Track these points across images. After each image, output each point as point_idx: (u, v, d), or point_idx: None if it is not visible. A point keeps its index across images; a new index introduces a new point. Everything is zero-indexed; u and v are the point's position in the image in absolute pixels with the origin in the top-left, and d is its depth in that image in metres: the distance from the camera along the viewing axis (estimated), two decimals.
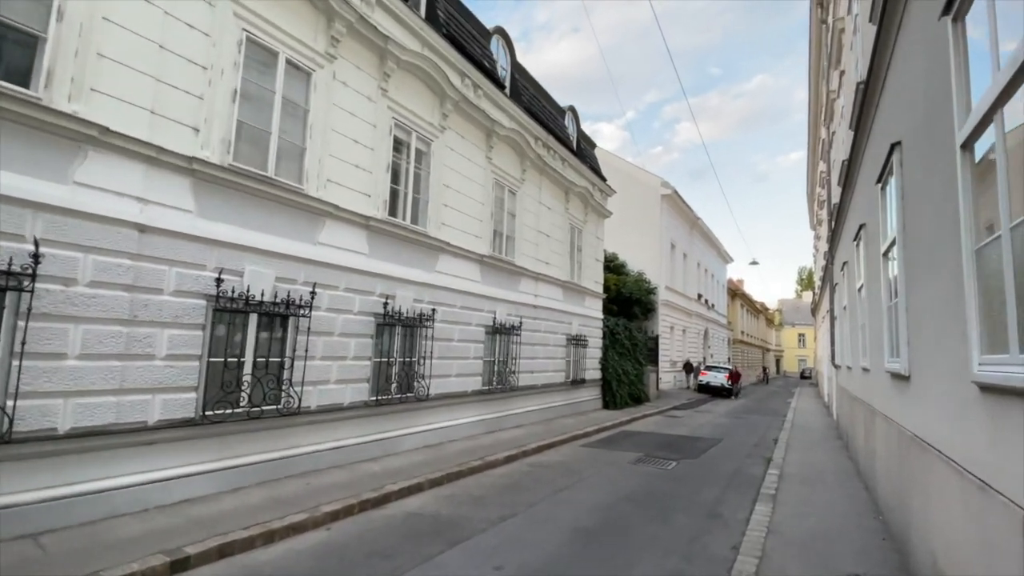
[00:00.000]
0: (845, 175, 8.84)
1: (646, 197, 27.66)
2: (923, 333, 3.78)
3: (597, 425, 12.80)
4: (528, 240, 12.41)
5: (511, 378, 11.41)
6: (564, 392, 14.02)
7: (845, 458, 9.57)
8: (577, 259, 15.22)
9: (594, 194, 15.89)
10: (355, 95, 7.93)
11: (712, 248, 40.43)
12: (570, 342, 14.43)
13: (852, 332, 9.24)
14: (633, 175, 28.37)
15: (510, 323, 11.37)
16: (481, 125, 10.60)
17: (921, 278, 3.77)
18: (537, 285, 12.76)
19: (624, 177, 28.08)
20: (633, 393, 17.94)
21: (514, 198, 11.89)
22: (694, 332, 32.99)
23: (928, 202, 3.49)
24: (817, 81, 17.76)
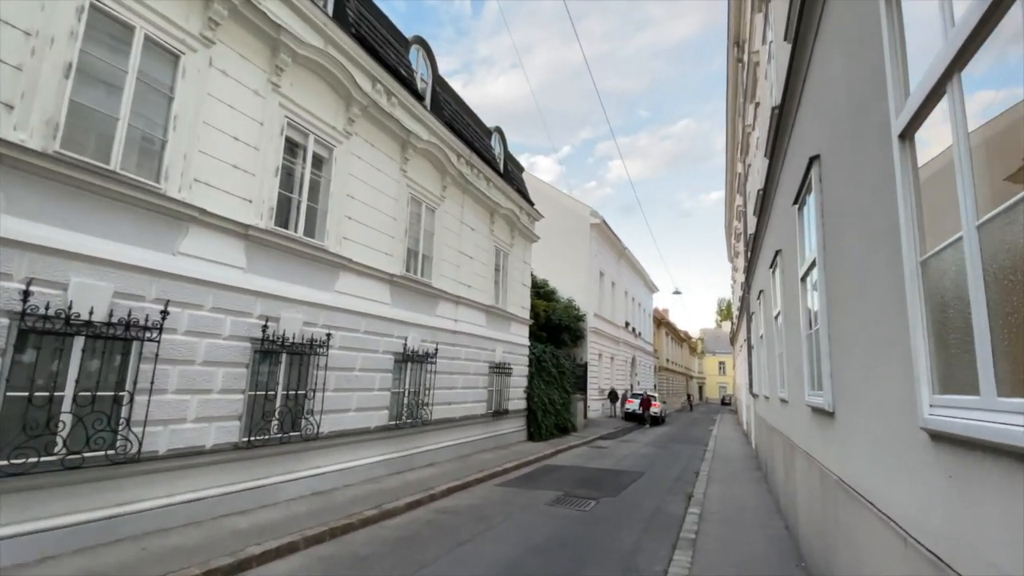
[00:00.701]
0: (760, 203, 8.77)
1: (576, 225, 27.80)
2: (851, 364, 3.27)
3: (518, 460, 11.93)
4: (448, 261, 11.58)
5: (423, 411, 10.36)
6: (485, 424, 13.08)
7: (765, 491, 9.25)
8: (502, 283, 14.55)
9: (521, 217, 15.39)
10: (237, 87, 6.89)
11: (639, 278, 41.36)
12: (493, 370, 13.59)
13: (770, 361, 9.04)
14: (563, 203, 28.48)
15: (424, 350, 10.39)
16: (395, 135, 9.78)
17: (847, 301, 3.27)
18: (457, 309, 11.89)
19: (554, 205, 28.14)
20: (560, 423, 17.30)
21: (433, 216, 11.07)
22: (622, 360, 33.20)
23: (854, 214, 3.02)
24: (734, 119, 18.30)
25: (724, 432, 22.60)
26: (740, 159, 16.50)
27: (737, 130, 17.59)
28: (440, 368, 11.01)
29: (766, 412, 10.37)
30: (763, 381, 10.49)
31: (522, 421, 15.49)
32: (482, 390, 12.95)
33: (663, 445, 17.55)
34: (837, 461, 3.72)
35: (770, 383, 9.06)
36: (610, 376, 30.49)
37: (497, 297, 14.15)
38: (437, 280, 11.06)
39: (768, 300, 8.61)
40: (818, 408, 4.22)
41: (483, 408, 12.96)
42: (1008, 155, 1.47)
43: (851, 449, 3.31)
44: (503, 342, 14.20)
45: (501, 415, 13.82)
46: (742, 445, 17.50)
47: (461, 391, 11.90)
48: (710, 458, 13.80)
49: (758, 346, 11.47)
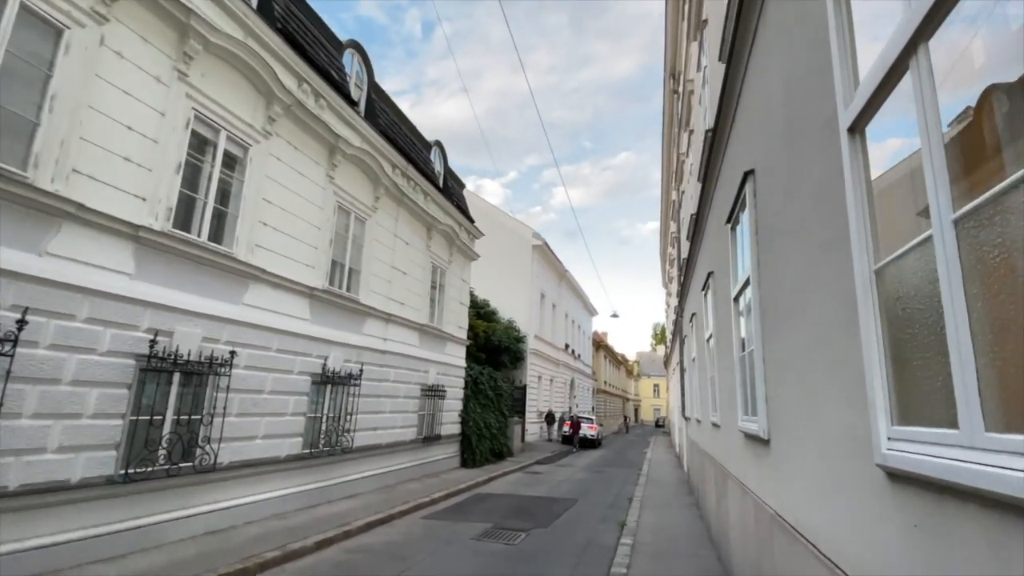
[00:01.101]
0: (694, 227, 8.86)
1: (518, 246, 27.73)
2: (788, 389, 3.03)
3: (448, 489, 11.25)
4: (379, 276, 10.92)
5: (344, 438, 9.54)
6: (414, 451, 12.32)
7: (697, 518, 9.10)
8: (439, 301, 13.97)
9: (460, 234, 14.96)
10: (135, 71, 6.12)
11: (579, 300, 41.82)
12: (426, 393, 12.90)
13: (702, 385, 9.00)
14: (506, 224, 28.38)
15: (347, 371, 9.63)
16: (323, 139, 9.15)
17: (784, 321, 3.05)
18: (387, 327, 11.21)
19: (497, 225, 27.99)
20: (495, 448, 16.71)
21: (363, 227, 10.43)
22: (561, 382, 33.11)
23: (793, 226, 2.83)
24: (669, 150, 18.91)
25: (657, 455, 22.77)
26: (675, 187, 16.95)
27: (672, 160, 18.10)
28: (365, 391, 10.25)
29: (698, 436, 10.33)
30: (695, 405, 10.47)
31: (455, 447, 14.79)
32: (412, 414, 12.22)
33: (599, 469, 17.33)
34: (774, 493, 3.47)
35: (702, 407, 9.00)
36: (549, 398, 30.26)
37: (432, 316, 13.56)
38: (365, 296, 10.37)
39: (700, 323, 8.60)
40: (752, 435, 4.00)
41: (413, 434, 12.21)
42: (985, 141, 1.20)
43: (789, 481, 3.05)
44: (438, 363, 13.56)
45: (432, 441, 13.10)
46: (675, 468, 17.58)
47: (389, 415, 11.15)
48: (644, 483, 13.66)
49: (690, 369, 11.51)
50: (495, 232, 27.71)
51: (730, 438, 5.48)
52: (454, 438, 14.61)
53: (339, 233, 9.72)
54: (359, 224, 10.35)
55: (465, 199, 16.67)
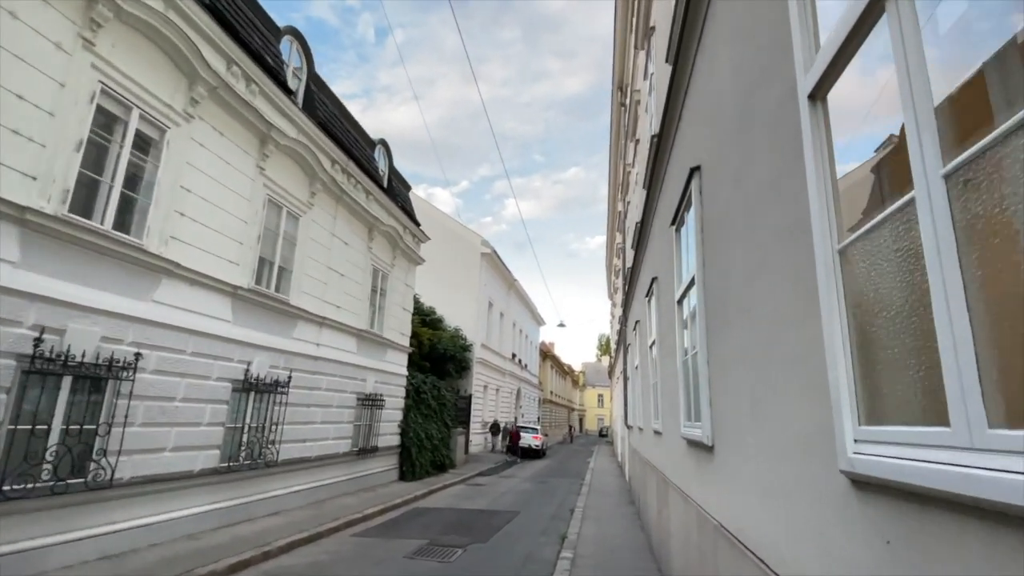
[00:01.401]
0: (638, 234, 8.89)
1: (466, 254, 27.39)
2: (735, 390, 2.86)
3: (384, 504, 10.65)
4: (313, 277, 10.27)
5: (269, 450, 8.81)
6: (349, 464, 11.63)
7: (638, 528, 9.00)
8: (380, 306, 13.38)
9: (405, 237, 14.45)
10: (30, 34, 5.39)
11: (527, 310, 41.83)
12: (363, 403, 12.24)
13: (644, 392, 8.95)
14: (454, 231, 27.99)
15: (274, 377, 8.92)
16: (253, 127, 8.51)
17: (732, 318, 2.90)
18: (321, 332, 10.54)
19: (445, 232, 27.55)
20: (437, 460, 16.13)
21: (296, 224, 9.78)
22: (508, 391, 32.84)
23: (741, 218, 2.73)
24: (616, 162, 19.18)
25: (600, 464, 22.83)
26: (621, 199, 17.21)
27: (618, 172, 18.46)
28: (294, 399, 9.55)
29: (640, 444, 10.29)
30: (637, 413, 10.43)
31: (394, 459, 14.13)
32: (347, 425, 11.54)
33: (542, 480, 17.10)
34: (717, 503, 3.30)
35: (644, 415, 8.94)
36: (495, 408, 29.89)
37: (372, 321, 12.95)
38: (297, 297, 9.71)
39: (644, 330, 8.56)
40: (695, 441, 3.85)
41: (347, 446, 11.53)
42: None
43: (735, 491, 2.88)
44: (376, 371, 12.94)
45: (369, 453, 12.44)
46: (617, 477, 17.60)
47: (320, 426, 10.45)
48: (586, 492, 13.53)
49: (633, 377, 11.50)
50: (444, 239, 27.26)
51: (672, 445, 5.35)
52: (393, 450, 13.97)
53: (269, 229, 9.05)
54: (292, 221, 9.70)
55: (411, 201, 16.17)
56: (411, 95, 70.24)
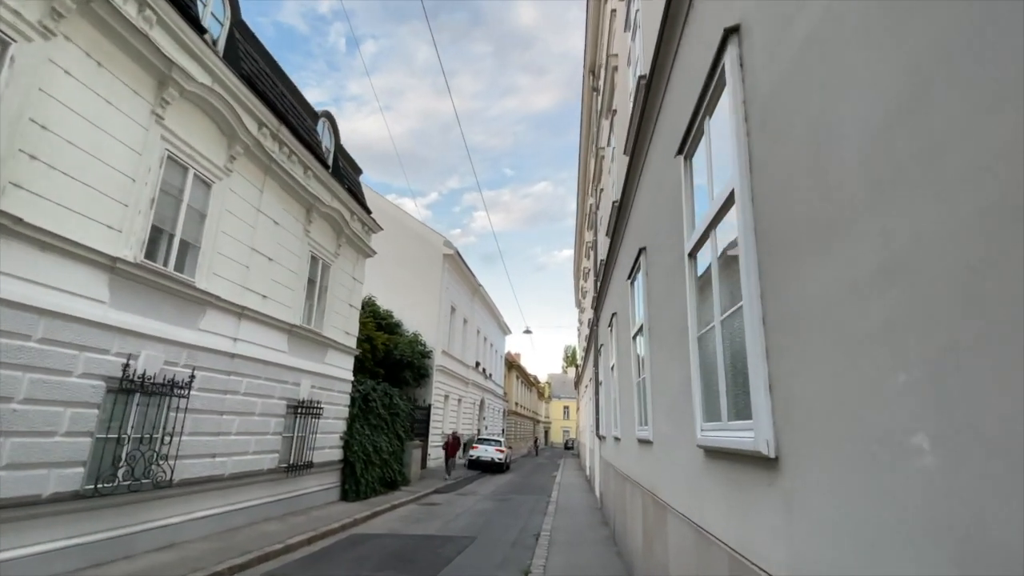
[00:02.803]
0: (603, 272, 9.93)
1: (428, 255, 25.79)
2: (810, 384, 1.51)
3: (314, 530, 8.94)
4: (230, 257, 8.59)
5: (160, 468, 7.04)
6: (275, 483, 9.87)
7: (614, 557, 7.61)
8: (320, 299, 11.72)
9: (351, 223, 12.85)
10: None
11: (493, 318, 40.40)
12: (295, 411, 10.53)
13: (623, 395, 7.64)
14: (414, 229, 26.44)
15: (169, 377, 7.19)
16: (146, 62, 6.84)
17: None
18: (240, 324, 8.84)
19: (404, 230, 26.03)
20: (387, 477, 14.44)
21: (208, 192, 8.11)
22: (470, 402, 31.24)
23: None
24: (584, 192, 19.66)
25: (568, 479, 21.52)
26: (589, 228, 17.96)
27: (586, 204, 19.49)
28: (200, 404, 7.81)
29: (616, 457, 8.95)
30: (613, 419, 9.11)
31: (335, 476, 12.40)
32: (274, 437, 9.80)
33: (504, 497, 15.63)
34: (772, 543, 1.93)
35: (623, 421, 7.62)
36: (456, 419, 28.25)
37: (309, 316, 11.28)
38: (206, 279, 8.01)
39: (626, 319, 7.31)
40: (729, 451, 2.47)
41: (273, 461, 9.77)
42: None
43: (829, 538, 1.51)
44: (313, 374, 11.24)
45: (302, 470, 10.69)
46: (586, 493, 16.31)
47: (236, 439, 8.69)
48: (553, 512, 12.11)
49: (607, 379, 10.24)
50: (403, 238, 25.74)
51: (674, 459, 4.00)
52: (333, 466, 12.24)
53: (168, 194, 7.36)
54: (202, 187, 8.02)
55: (360, 187, 14.59)
56: (382, 105, 68.39)
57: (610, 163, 10.13)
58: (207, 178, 8.04)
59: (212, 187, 8.15)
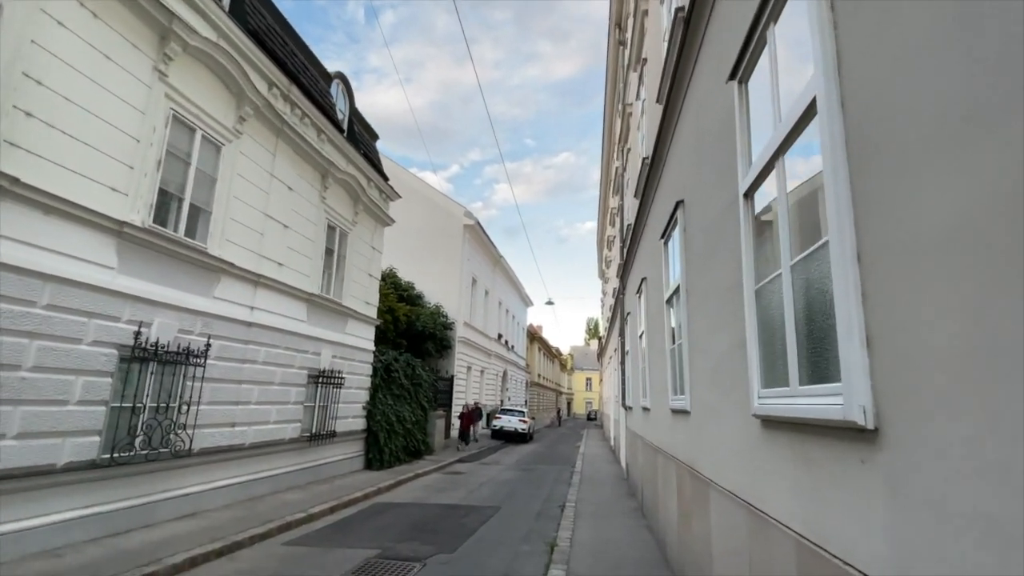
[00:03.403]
0: (631, 236, 9.51)
1: (448, 226, 25.40)
2: None
3: (337, 499, 8.87)
4: (243, 223, 8.33)
5: (179, 437, 6.95)
6: (298, 452, 9.83)
7: (644, 529, 7.30)
8: (338, 269, 11.50)
9: (368, 190, 12.50)
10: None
11: (515, 289, 40.12)
12: (316, 380, 10.42)
13: (653, 363, 7.22)
14: (434, 200, 26.00)
15: (184, 345, 7.02)
16: (147, 16, 6.45)
17: None
18: (256, 292, 8.64)
19: (425, 203, 25.66)
20: (410, 446, 14.45)
21: (218, 155, 7.80)
22: (493, 373, 31.27)
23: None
24: (609, 156, 19.04)
25: (592, 449, 21.38)
26: (614, 194, 17.59)
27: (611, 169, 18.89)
28: (216, 374, 7.67)
29: (644, 427, 8.58)
30: (642, 388, 8.71)
31: (358, 445, 12.39)
32: (295, 406, 9.71)
33: (528, 467, 15.52)
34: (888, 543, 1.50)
35: (654, 389, 7.21)
36: (479, 390, 28.32)
37: (328, 286, 11.06)
38: (219, 246, 7.76)
39: (659, 280, 6.83)
40: (807, 420, 2.02)
41: (295, 430, 9.71)
42: None
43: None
44: (334, 344, 11.09)
45: (325, 439, 10.64)
46: (611, 464, 16.09)
47: (256, 408, 8.60)
48: (578, 482, 11.88)
49: (634, 349, 9.81)
50: (423, 210, 25.42)
51: (719, 430, 3.59)
52: (356, 435, 12.21)
53: (175, 156, 7.06)
54: (211, 149, 7.71)
55: (377, 152, 14.18)
56: (402, 77, 67.28)
57: (639, 118, 9.51)
58: (216, 140, 7.71)
59: (222, 150, 7.83)
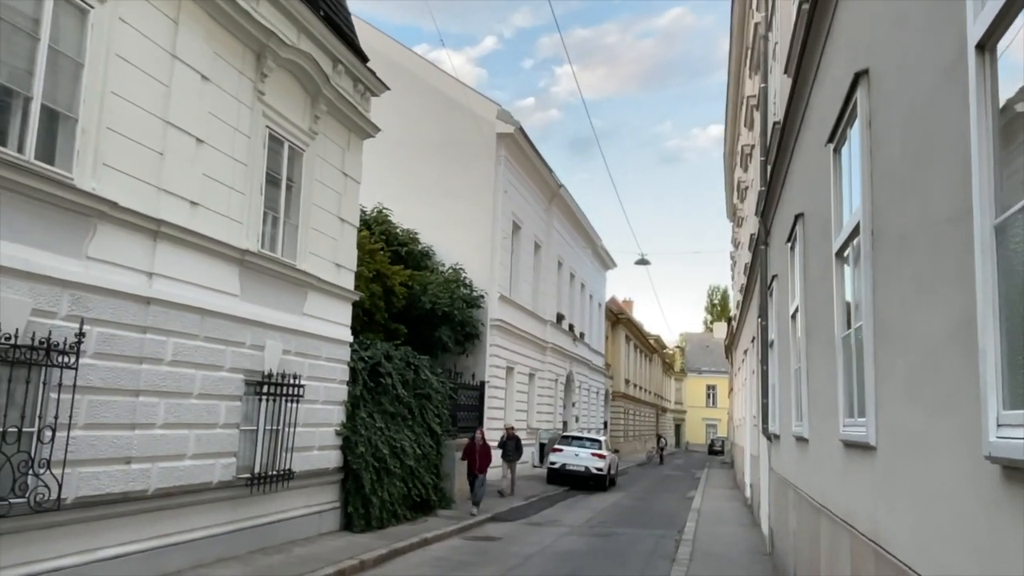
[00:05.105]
0: (777, 143, 9.75)
1: (473, 136, 25.23)
2: None
3: None
4: (129, 136, 8.41)
5: (39, 479, 7.17)
6: (234, 504, 10.20)
7: None
8: (288, 210, 11.65)
9: (336, 79, 12.47)
10: None
11: (584, 242, 39.98)
12: (257, 390, 10.64)
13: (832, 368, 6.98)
14: (451, 95, 25.90)
15: (38, 336, 7.17)
16: None
17: None
18: (156, 250, 8.78)
19: (436, 100, 25.75)
20: (414, 494, 14.93)
21: (83, 23, 7.78)
22: (548, 378, 31.53)
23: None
24: (744, 6, 18.79)
25: (713, 503, 21.59)
26: (751, 74, 17.76)
27: (746, 30, 18.84)
28: (96, 379, 7.86)
29: (800, 470, 8.35)
30: (797, 408, 8.46)
31: (331, 492, 12.87)
32: (226, 431, 9.97)
33: (605, 531, 15.86)
34: None
35: (814, 412, 6.91)
36: (527, 405, 28.57)
37: (273, 238, 11.23)
38: (92, 174, 7.82)
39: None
40: None
41: (228, 469, 9.99)
42: None
43: None
44: (285, 331, 11.29)
45: (276, 483, 10.93)
46: (743, 527, 16.29)
47: (163, 433, 8.83)
48: (687, 559, 11.90)
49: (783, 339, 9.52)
50: (433, 111, 25.57)
51: (923, 475, 3.42)
52: (327, 476, 12.68)
53: (17, 28, 7.05)
54: (74, 15, 7.68)
55: (350, 17, 14.05)
56: None
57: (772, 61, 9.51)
58: (80, 1, 7.67)
59: (89, 15, 7.81)
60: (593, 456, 25.37)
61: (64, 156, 7.62)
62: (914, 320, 3.67)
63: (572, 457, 25.29)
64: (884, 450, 4.28)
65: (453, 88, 26.02)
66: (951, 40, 2.97)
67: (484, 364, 24.30)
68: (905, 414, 3.84)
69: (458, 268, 23.89)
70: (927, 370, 3.44)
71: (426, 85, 25.63)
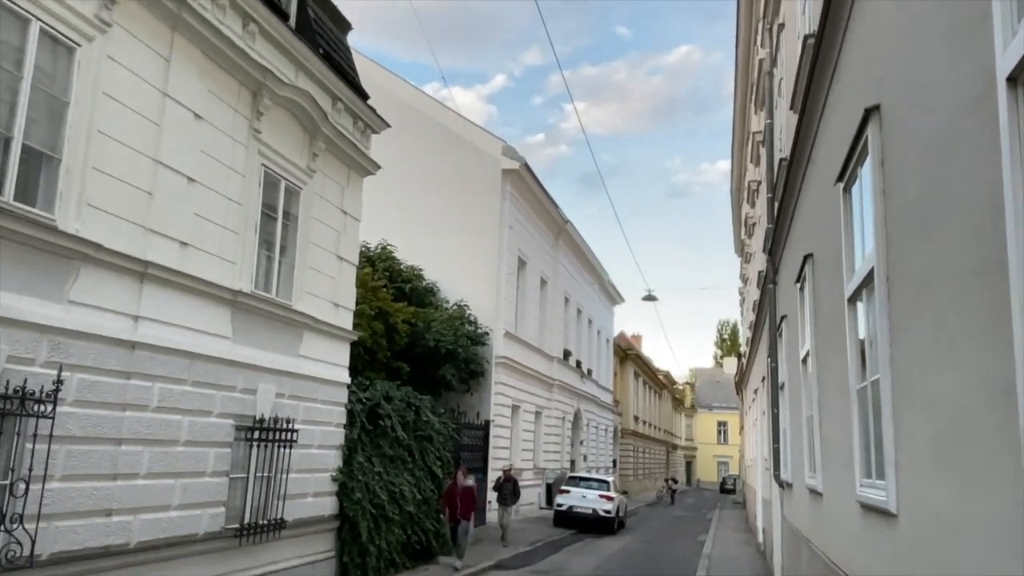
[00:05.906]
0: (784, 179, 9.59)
1: (478, 173, 25.37)
2: None
3: None
4: (117, 176, 8.28)
5: (10, 535, 6.90)
6: (222, 556, 9.99)
7: None
8: (285, 249, 11.52)
9: (335, 117, 12.38)
10: None
11: (591, 276, 39.80)
12: (248, 435, 10.44)
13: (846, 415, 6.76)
14: (457, 134, 25.88)
15: (16, 383, 6.95)
16: None
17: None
18: (143, 292, 8.61)
19: (440, 137, 25.69)
20: (414, 541, 14.71)
21: (71, 61, 7.67)
22: (555, 415, 31.22)
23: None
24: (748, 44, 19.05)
25: (725, 548, 21.40)
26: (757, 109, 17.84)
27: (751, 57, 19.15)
28: (76, 428, 7.64)
29: (814, 524, 8.07)
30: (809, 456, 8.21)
31: (326, 541, 12.56)
32: (214, 479, 9.73)
33: None
34: None
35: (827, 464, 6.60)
36: (533, 444, 28.19)
37: (268, 278, 11.09)
38: (76, 215, 7.66)
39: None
40: None
41: (216, 519, 9.74)
42: None
43: None
44: (279, 374, 11.08)
45: (267, 533, 10.65)
46: (756, 573, 15.55)
47: (146, 484, 8.58)
48: None
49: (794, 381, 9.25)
50: (437, 148, 25.66)
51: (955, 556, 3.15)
52: (322, 524, 12.39)
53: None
54: (60, 52, 7.56)
55: (350, 53, 14.03)
56: None
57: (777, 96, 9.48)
58: (69, 41, 7.58)
59: (76, 53, 7.69)
60: (601, 498, 25.05)
61: (46, 197, 7.47)
62: (939, 381, 3.41)
63: (579, 499, 24.94)
64: (907, 520, 4.02)
65: (458, 124, 26.12)
66: (973, 74, 2.81)
67: (489, 402, 24.09)
68: (931, 484, 3.56)
69: (463, 305, 23.93)
70: (955, 438, 3.19)
71: (431, 122, 25.82)
